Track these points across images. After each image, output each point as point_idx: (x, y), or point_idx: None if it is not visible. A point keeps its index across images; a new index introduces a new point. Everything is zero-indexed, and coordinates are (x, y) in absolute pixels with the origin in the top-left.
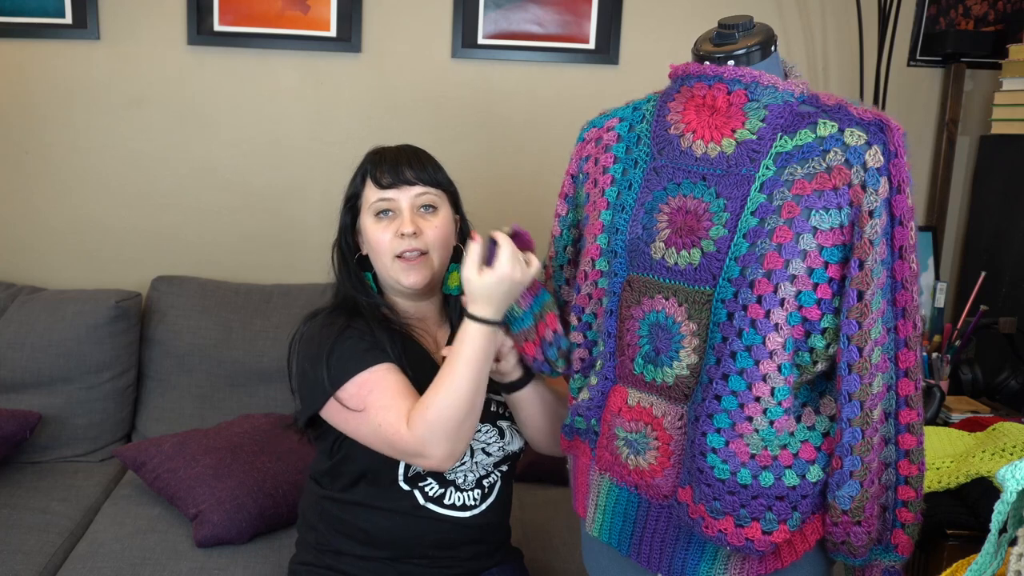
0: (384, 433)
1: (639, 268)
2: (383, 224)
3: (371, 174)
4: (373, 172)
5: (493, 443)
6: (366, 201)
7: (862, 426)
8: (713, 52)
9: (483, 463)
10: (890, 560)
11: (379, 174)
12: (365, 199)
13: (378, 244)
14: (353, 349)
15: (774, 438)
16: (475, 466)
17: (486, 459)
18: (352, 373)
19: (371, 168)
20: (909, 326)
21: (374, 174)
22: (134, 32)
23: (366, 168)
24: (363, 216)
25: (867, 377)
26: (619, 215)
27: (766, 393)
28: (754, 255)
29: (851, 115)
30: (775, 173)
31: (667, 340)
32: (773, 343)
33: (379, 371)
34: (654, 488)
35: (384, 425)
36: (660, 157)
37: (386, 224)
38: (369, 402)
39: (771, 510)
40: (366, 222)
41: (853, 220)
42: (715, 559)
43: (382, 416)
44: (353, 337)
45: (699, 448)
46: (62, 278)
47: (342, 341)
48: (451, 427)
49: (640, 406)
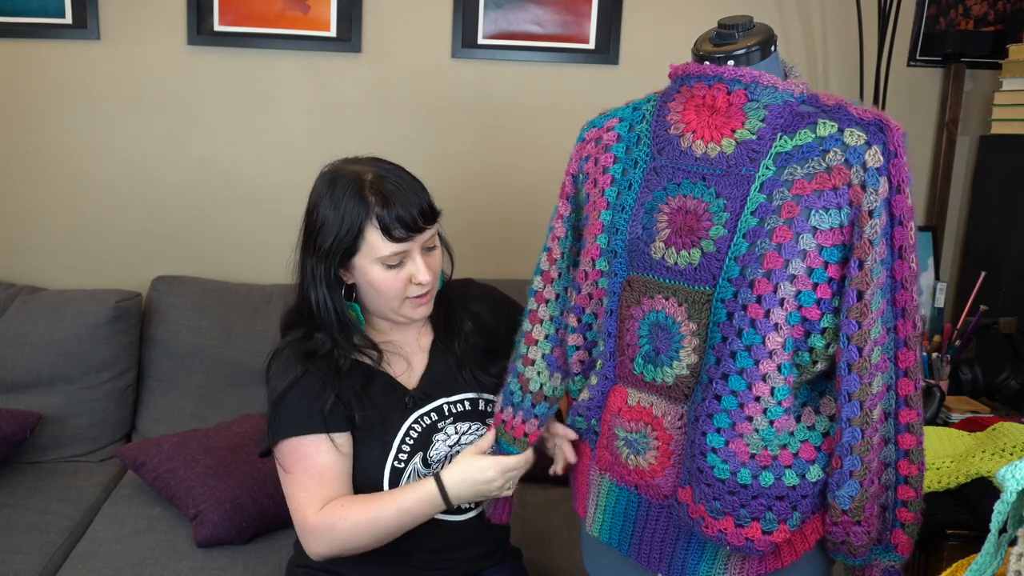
0: (292, 503)
1: (639, 268)
2: (392, 273)
3: (381, 222)
4: (384, 220)
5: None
6: (372, 249)
7: (862, 426)
8: (713, 52)
9: None
10: (890, 560)
11: (392, 225)
12: (370, 246)
13: (387, 290)
14: (298, 408)
15: (774, 438)
16: None
17: None
18: (287, 435)
19: (379, 214)
20: (909, 326)
21: (384, 223)
22: (134, 32)
23: (368, 212)
24: (362, 261)
25: (867, 377)
26: (619, 215)
27: (766, 393)
28: (754, 255)
29: (851, 115)
30: (775, 173)
31: (667, 340)
32: (773, 343)
33: (312, 445)
34: (654, 488)
35: (293, 498)
36: (660, 157)
37: (395, 272)
38: (293, 470)
39: (771, 510)
40: (371, 269)
41: (853, 220)
42: (715, 559)
43: (295, 490)
44: (304, 392)
45: (699, 448)
46: (62, 278)
47: (293, 392)
48: (348, 548)
49: (640, 406)
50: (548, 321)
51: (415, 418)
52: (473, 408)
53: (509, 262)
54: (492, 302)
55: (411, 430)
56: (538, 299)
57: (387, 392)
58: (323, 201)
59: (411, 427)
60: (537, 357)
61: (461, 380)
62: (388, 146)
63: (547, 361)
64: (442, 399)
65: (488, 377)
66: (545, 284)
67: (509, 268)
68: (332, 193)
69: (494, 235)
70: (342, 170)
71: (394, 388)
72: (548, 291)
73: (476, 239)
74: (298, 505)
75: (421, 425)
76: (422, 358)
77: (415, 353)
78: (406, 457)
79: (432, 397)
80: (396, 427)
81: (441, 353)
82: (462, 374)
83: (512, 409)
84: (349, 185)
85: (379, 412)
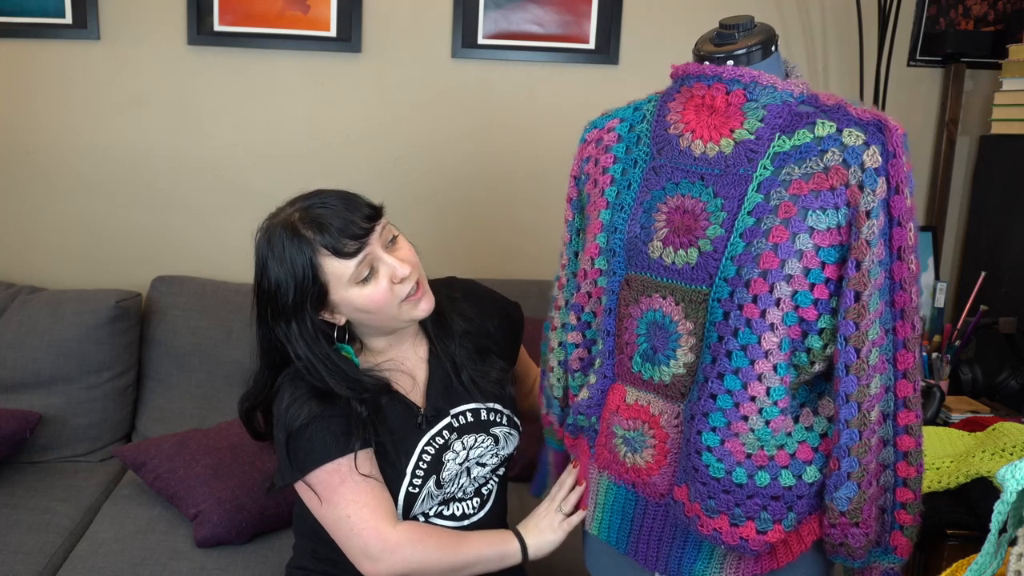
0: (351, 526)
1: (637, 267)
2: (371, 285)
3: (327, 247)
4: (329, 244)
5: (487, 453)
6: (336, 278)
7: (860, 428)
8: (713, 52)
9: (480, 474)
10: (889, 562)
11: (339, 243)
12: (334, 275)
13: (379, 304)
14: (322, 438)
15: (770, 438)
16: (472, 481)
17: (482, 470)
18: (319, 463)
19: (322, 242)
20: (908, 327)
21: (332, 247)
22: (134, 32)
23: (312, 246)
24: (337, 292)
25: (864, 378)
26: (618, 214)
27: (761, 393)
28: (750, 255)
29: (850, 115)
30: (772, 173)
31: (664, 339)
32: (768, 343)
33: (349, 462)
34: (651, 486)
35: (352, 520)
36: (660, 157)
37: (374, 283)
38: (340, 491)
39: (766, 510)
40: (349, 295)
41: (850, 220)
42: (711, 558)
43: (352, 510)
44: (326, 423)
45: (694, 446)
46: (62, 278)
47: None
48: (421, 568)
49: (638, 404)
50: (561, 329)
51: (428, 439)
52: (476, 419)
53: (509, 262)
54: (476, 299)
55: (424, 452)
56: (555, 306)
57: (400, 412)
58: (268, 263)
59: (424, 449)
60: (555, 364)
61: (461, 388)
62: (388, 146)
63: (563, 367)
64: (448, 413)
65: (487, 382)
66: (559, 291)
67: (509, 268)
68: (272, 251)
69: (494, 235)
70: (272, 226)
71: (407, 407)
72: (560, 298)
73: (476, 239)
74: (364, 524)
75: (434, 446)
76: (423, 369)
77: (416, 365)
78: (420, 482)
79: (442, 413)
80: (410, 451)
81: (439, 361)
82: (461, 380)
83: (551, 412)
84: (283, 234)
85: (394, 436)
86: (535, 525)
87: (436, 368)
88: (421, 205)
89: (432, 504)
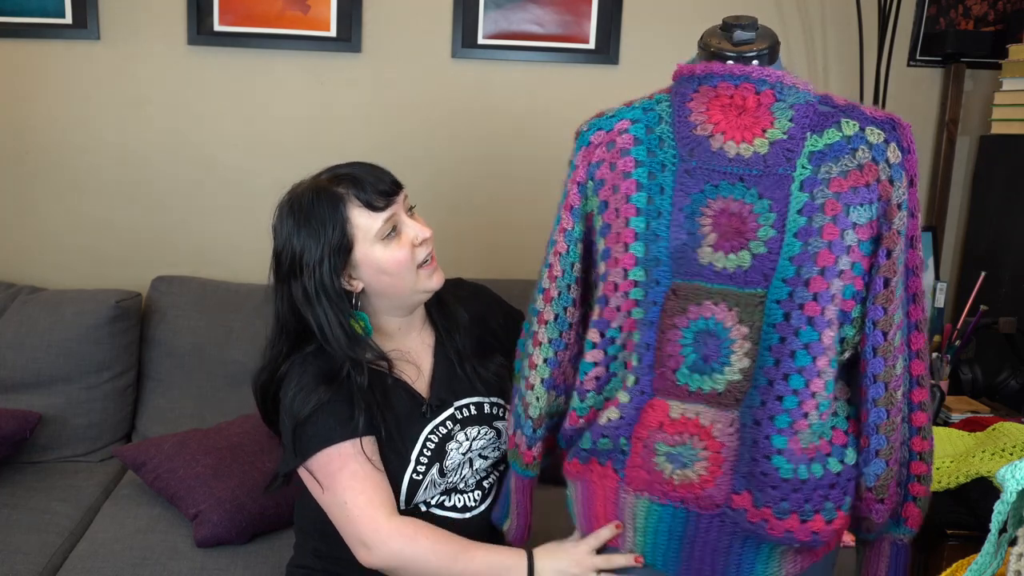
0: (348, 512)
1: (685, 274)
2: (394, 244)
3: (359, 199)
4: (362, 199)
5: (490, 446)
6: (363, 233)
7: (887, 406)
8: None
9: (482, 467)
10: (900, 533)
11: (371, 197)
12: (361, 230)
13: (398, 265)
14: (326, 423)
15: (821, 429)
16: (475, 473)
17: (484, 463)
18: (321, 446)
19: (355, 195)
20: (919, 310)
21: (365, 200)
22: (134, 32)
23: (345, 199)
24: (362, 248)
25: (891, 360)
26: (655, 220)
27: (820, 388)
28: (807, 253)
29: (865, 114)
30: (812, 172)
31: (716, 346)
32: (827, 339)
33: (352, 447)
34: (705, 499)
35: (348, 506)
36: (691, 159)
37: (397, 243)
38: (339, 477)
39: (828, 499)
40: (372, 252)
41: (881, 213)
42: (770, 558)
43: (348, 496)
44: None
45: (763, 451)
46: (62, 278)
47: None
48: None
49: (685, 417)
50: (547, 344)
51: (432, 427)
52: (479, 412)
53: (509, 262)
54: (482, 298)
55: (428, 440)
56: (540, 320)
57: (405, 401)
58: (289, 229)
59: (428, 437)
60: (536, 382)
61: (464, 379)
62: (388, 146)
63: (546, 385)
64: (452, 404)
65: (488, 375)
66: (546, 304)
67: (509, 268)
68: (297, 216)
69: (494, 235)
70: (297, 194)
71: (412, 397)
72: (548, 312)
73: (476, 239)
74: (360, 511)
75: (437, 435)
76: (428, 359)
77: (422, 355)
78: (424, 469)
79: (446, 403)
80: (415, 438)
81: (444, 351)
82: (464, 371)
83: (519, 433)
84: (311, 196)
85: (399, 423)
86: (555, 547)
87: (441, 359)
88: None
89: (435, 493)
